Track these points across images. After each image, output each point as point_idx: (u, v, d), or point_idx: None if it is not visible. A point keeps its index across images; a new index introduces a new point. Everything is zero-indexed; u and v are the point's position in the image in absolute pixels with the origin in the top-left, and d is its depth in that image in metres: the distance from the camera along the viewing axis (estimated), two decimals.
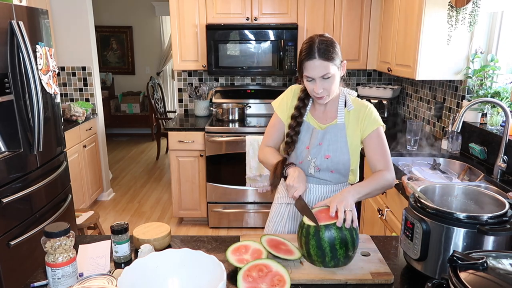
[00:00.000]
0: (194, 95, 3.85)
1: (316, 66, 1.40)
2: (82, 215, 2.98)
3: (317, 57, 1.39)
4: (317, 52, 1.39)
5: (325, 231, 1.22)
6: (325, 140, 1.53)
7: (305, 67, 1.42)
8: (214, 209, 3.55)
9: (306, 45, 1.43)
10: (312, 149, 1.54)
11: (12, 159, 2.18)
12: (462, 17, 2.39)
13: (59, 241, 1.10)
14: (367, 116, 1.53)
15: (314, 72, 1.41)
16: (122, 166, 5.57)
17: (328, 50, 1.41)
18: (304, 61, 1.42)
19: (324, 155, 1.53)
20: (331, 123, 1.55)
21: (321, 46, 1.40)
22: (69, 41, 3.94)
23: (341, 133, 1.53)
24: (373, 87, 3.66)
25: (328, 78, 1.42)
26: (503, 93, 2.30)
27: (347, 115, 1.55)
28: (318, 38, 1.43)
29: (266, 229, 1.75)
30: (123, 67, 7.24)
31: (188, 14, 3.47)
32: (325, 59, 1.40)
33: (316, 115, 1.58)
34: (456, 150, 2.51)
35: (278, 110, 1.63)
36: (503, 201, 1.17)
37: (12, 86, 2.18)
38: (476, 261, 0.89)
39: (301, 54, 1.44)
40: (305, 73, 1.44)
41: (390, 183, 1.48)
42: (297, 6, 3.45)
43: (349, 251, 1.22)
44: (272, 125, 1.65)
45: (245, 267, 1.17)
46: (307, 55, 1.41)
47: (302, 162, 1.56)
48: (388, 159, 1.52)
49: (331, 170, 1.55)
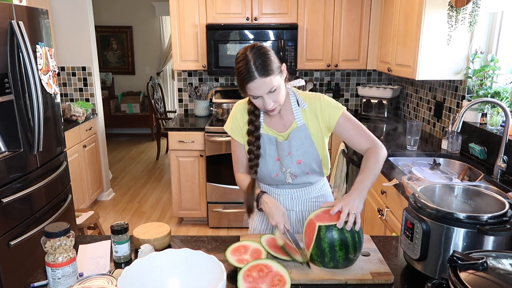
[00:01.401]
0: (194, 95, 3.85)
1: (259, 85, 1.34)
2: (82, 215, 2.98)
3: (258, 76, 1.32)
4: (256, 71, 1.32)
5: (326, 232, 1.22)
6: (292, 147, 1.49)
7: (249, 88, 1.35)
8: (214, 209, 3.55)
9: (242, 64, 1.34)
10: (284, 160, 1.51)
11: (12, 159, 2.18)
12: (462, 17, 2.39)
13: (59, 241, 1.10)
14: (325, 108, 1.48)
15: (259, 91, 1.35)
16: (122, 166, 5.57)
17: (266, 64, 1.33)
18: (246, 83, 1.34)
19: (296, 161, 1.50)
20: (291, 128, 1.50)
21: (258, 62, 1.32)
22: (69, 41, 3.94)
23: (304, 134, 1.49)
24: (373, 87, 3.66)
25: (275, 90, 1.37)
26: (503, 93, 2.30)
27: (303, 114, 1.50)
28: (251, 53, 1.34)
29: (250, 229, 1.72)
30: (123, 67, 7.24)
31: (188, 14, 3.48)
32: (266, 75, 1.32)
33: (273, 124, 1.53)
34: (456, 150, 2.51)
35: (233, 134, 1.57)
36: (503, 201, 1.17)
37: (12, 86, 2.18)
38: (476, 261, 0.89)
39: (240, 75, 1.35)
40: (250, 93, 1.37)
41: (384, 155, 1.46)
42: (297, 6, 3.45)
43: (350, 253, 1.22)
44: (234, 150, 1.60)
45: (245, 267, 1.17)
46: (247, 76, 1.32)
47: (277, 175, 1.53)
48: (369, 134, 1.49)
49: (306, 172, 1.53)
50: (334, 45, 3.54)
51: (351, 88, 4.00)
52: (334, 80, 3.98)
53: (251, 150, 1.51)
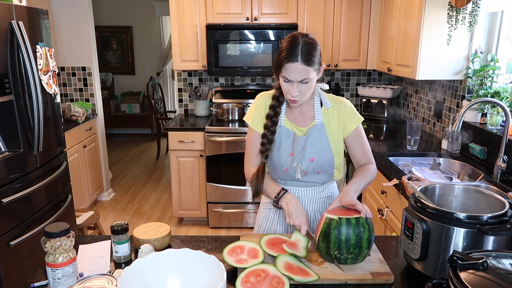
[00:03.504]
0: (194, 95, 3.85)
1: (297, 70, 1.34)
2: (82, 215, 2.98)
3: (300, 60, 1.32)
4: (300, 55, 1.32)
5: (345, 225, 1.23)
6: (308, 143, 1.50)
7: (285, 68, 1.35)
8: (214, 209, 3.55)
9: (288, 44, 1.34)
10: (296, 156, 1.51)
11: (12, 159, 2.18)
12: (462, 17, 2.39)
13: (59, 241, 1.10)
14: (348, 114, 1.51)
15: (294, 75, 1.35)
16: (122, 166, 5.57)
17: (311, 54, 1.34)
18: (285, 62, 1.34)
19: (309, 158, 1.50)
20: (310, 125, 1.52)
21: (305, 48, 1.33)
22: (69, 41, 3.94)
23: (321, 133, 1.50)
24: (373, 87, 3.66)
25: (307, 83, 1.37)
26: (503, 93, 2.30)
27: (325, 113, 1.52)
28: (302, 39, 1.35)
29: (256, 226, 1.73)
30: (123, 67, 7.24)
31: (188, 14, 3.47)
32: (307, 64, 1.33)
33: (293, 118, 1.53)
34: (456, 150, 2.51)
35: (253, 124, 1.55)
36: (503, 201, 1.17)
37: (12, 86, 2.18)
38: (476, 261, 0.89)
39: (282, 53, 1.35)
40: (284, 74, 1.37)
41: (375, 174, 1.54)
42: (297, 6, 3.45)
43: (350, 251, 1.22)
44: (251, 140, 1.57)
45: (243, 273, 1.17)
46: (289, 56, 1.33)
47: (287, 169, 1.53)
48: (370, 153, 1.56)
49: (317, 172, 1.53)
50: (334, 45, 3.54)
51: (351, 88, 4.00)
52: (334, 80, 3.98)
53: (265, 134, 1.50)
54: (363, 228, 1.22)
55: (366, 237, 1.22)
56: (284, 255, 1.26)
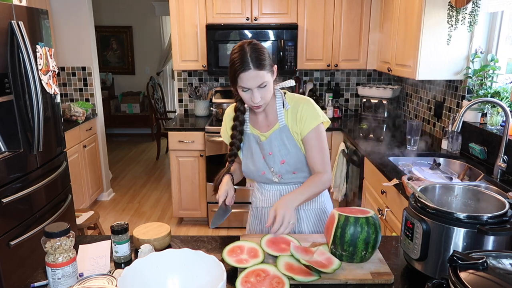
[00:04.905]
0: (194, 95, 3.85)
1: (252, 77, 1.37)
2: (82, 215, 2.98)
3: (252, 67, 1.35)
4: (251, 62, 1.35)
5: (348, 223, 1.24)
6: (273, 147, 1.52)
7: (241, 78, 1.37)
8: (214, 209, 3.55)
9: (238, 55, 1.38)
10: (268, 160, 1.54)
11: (12, 159, 2.18)
12: (462, 17, 2.39)
13: (59, 241, 1.10)
14: (302, 116, 1.49)
15: (250, 82, 1.38)
16: (122, 166, 5.57)
17: (261, 59, 1.37)
18: (239, 73, 1.37)
19: (279, 161, 1.53)
20: (273, 129, 1.53)
21: (254, 55, 1.36)
22: (69, 41, 3.94)
23: (286, 135, 1.51)
24: (373, 87, 3.66)
25: (265, 86, 1.40)
26: (503, 93, 2.30)
27: (286, 115, 1.52)
28: (248, 47, 1.38)
29: (247, 232, 1.75)
30: (123, 67, 7.25)
31: (188, 14, 3.48)
32: (260, 69, 1.37)
33: (258, 124, 1.57)
34: (456, 150, 2.51)
35: (226, 139, 1.64)
36: (503, 201, 1.17)
37: (12, 86, 2.18)
38: (476, 261, 0.89)
39: (234, 65, 1.38)
40: (241, 84, 1.39)
41: (326, 186, 1.51)
42: (297, 6, 3.45)
43: (353, 250, 1.23)
44: None
45: (243, 273, 1.17)
46: (241, 66, 1.36)
47: (264, 172, 1.56)
48: (326, 160, 1.51)
49: (292, 172, 1.55)
50: (334, 45, 3.54)
51: (351, 88, 4.00)
52: (334, 80, 3.98)
53: (233, 142, 1.57)
54: (361, 228, 1.22)
55: (362, 238, 1.22)
56: (285, 256, 1.26)
